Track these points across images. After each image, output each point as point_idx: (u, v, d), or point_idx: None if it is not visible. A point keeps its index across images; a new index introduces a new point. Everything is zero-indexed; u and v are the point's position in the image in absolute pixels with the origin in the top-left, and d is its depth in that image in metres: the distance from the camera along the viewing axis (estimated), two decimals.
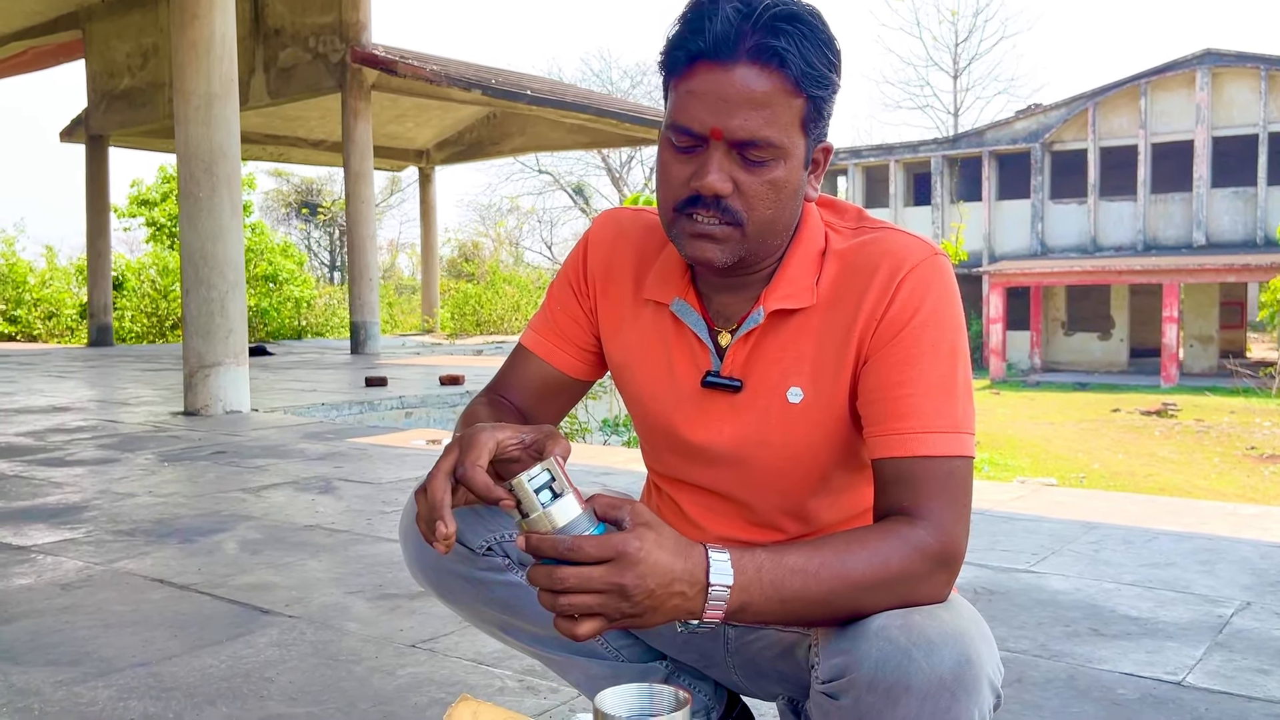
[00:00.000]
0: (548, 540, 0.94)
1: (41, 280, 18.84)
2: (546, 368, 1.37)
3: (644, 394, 1.31)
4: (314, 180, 37.76)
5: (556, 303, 1.37)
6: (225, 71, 6.28)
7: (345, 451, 5.08)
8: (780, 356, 1.21)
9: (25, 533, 3.36)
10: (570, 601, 0.94)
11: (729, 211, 1.12)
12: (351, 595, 2.64)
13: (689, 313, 1.25)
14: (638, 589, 0.94)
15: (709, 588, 0.98)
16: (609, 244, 1.35)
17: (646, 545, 0.94)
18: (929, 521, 1.08)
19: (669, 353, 1.27)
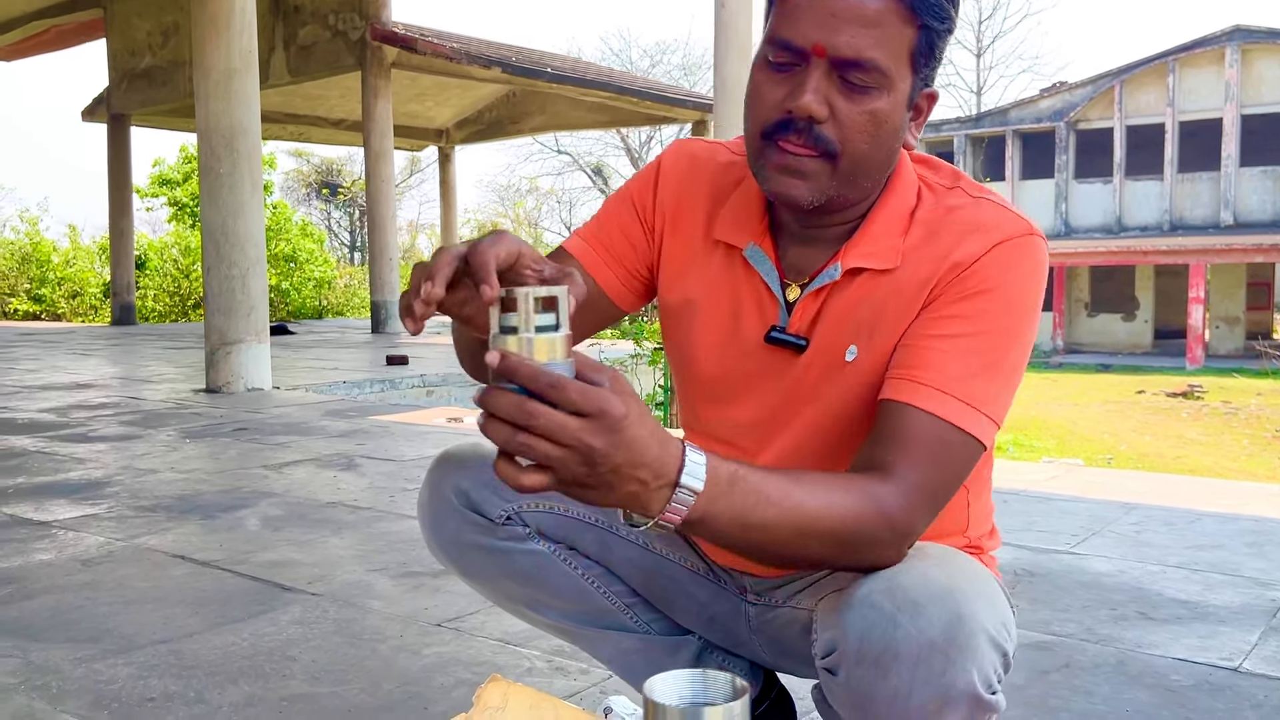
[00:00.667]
0: (529, 367, 0.79)
1: (65, 259, 18.92)
2: (585, 279, 1.25)
3: (701, 342, 1.22)
4: (334, 160, 37.78)
5: (614, 220, 1.26)
6: (245, 46, 6.22)
7: (367, 429, 5.04)
8: (846, 316, 1.13)
9: (47, 508, 3.33)
10: (528, 443, 0.80)
11: (821, 140, 1.04)
12: (375, 573, 2.59)
13: (762, 260, 1.16)
14: (605, 459, 0.81)
15: (676, 486, 0.87)
16: (683, 177, 1.25)
17: (631, 416, 0.82)
18: (899, 484, 0.99)
19: (736, 301, 1.19)
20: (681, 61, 37.96)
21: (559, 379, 0.79)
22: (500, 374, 0.80)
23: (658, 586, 1.36)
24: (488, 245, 0.90)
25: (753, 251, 1.17)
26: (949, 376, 1.03)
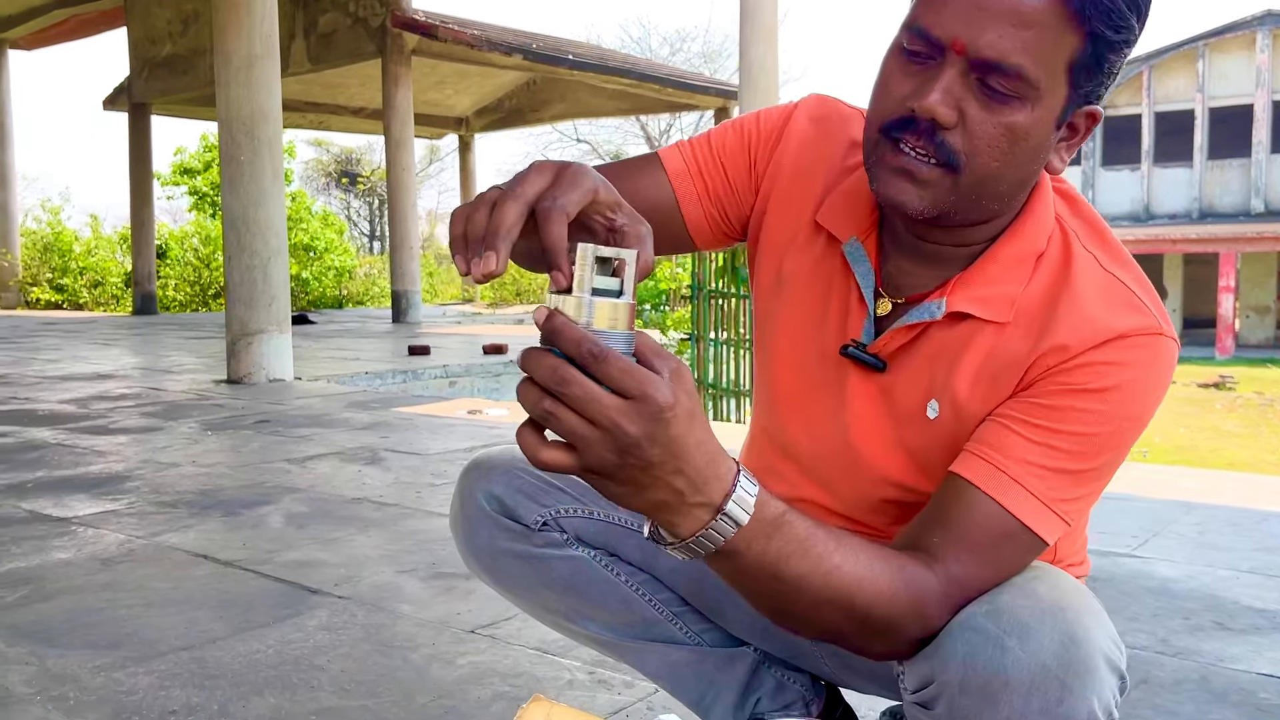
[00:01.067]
0: (575, 332, 0.69)
1: (87, 249, 18.94)
2: (667, 193, 1.11)
3: (783, 332, 1.10)
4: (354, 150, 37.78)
5: (721, 149, 1.12)
6: (266, 31, 6.12)
7: (391, 421, 4.95)
8: (937, 364, 1.00)
9: (66, 504, 3.25)
10: (555, 411, 0.70)
11: (943, 149, 0.90)
12: (404, 574, 2.49)
13: (861, 260, 1.03)
14: (640, 452, 0.71)
15: (719, 512, 0.77)
16: (809, 141, 1.10)
17: (679, 412, 0.72)
18: (943, 576, 0.89)
19: (827, 298, 1.06)
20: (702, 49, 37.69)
21: (604, 350, 0.69)
22: (545, 334, 0.70)
23: (709, 594, 1.25)
24: (561, 198, 0.76)
25: (853, 248, 1.04)
26: (1030, 469, 0.91)
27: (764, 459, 1.17)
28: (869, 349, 1.02)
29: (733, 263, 6.22)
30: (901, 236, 1.02)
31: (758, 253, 1.13)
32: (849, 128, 1.10)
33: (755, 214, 1.13)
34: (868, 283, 1.03)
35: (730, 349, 6.26)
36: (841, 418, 1.05)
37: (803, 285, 1.08)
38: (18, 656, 1.98)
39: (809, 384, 1.08)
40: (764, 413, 1.15)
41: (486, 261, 0.73)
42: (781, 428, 1.12)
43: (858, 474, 1.07)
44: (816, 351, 1.07)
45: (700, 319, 6.34)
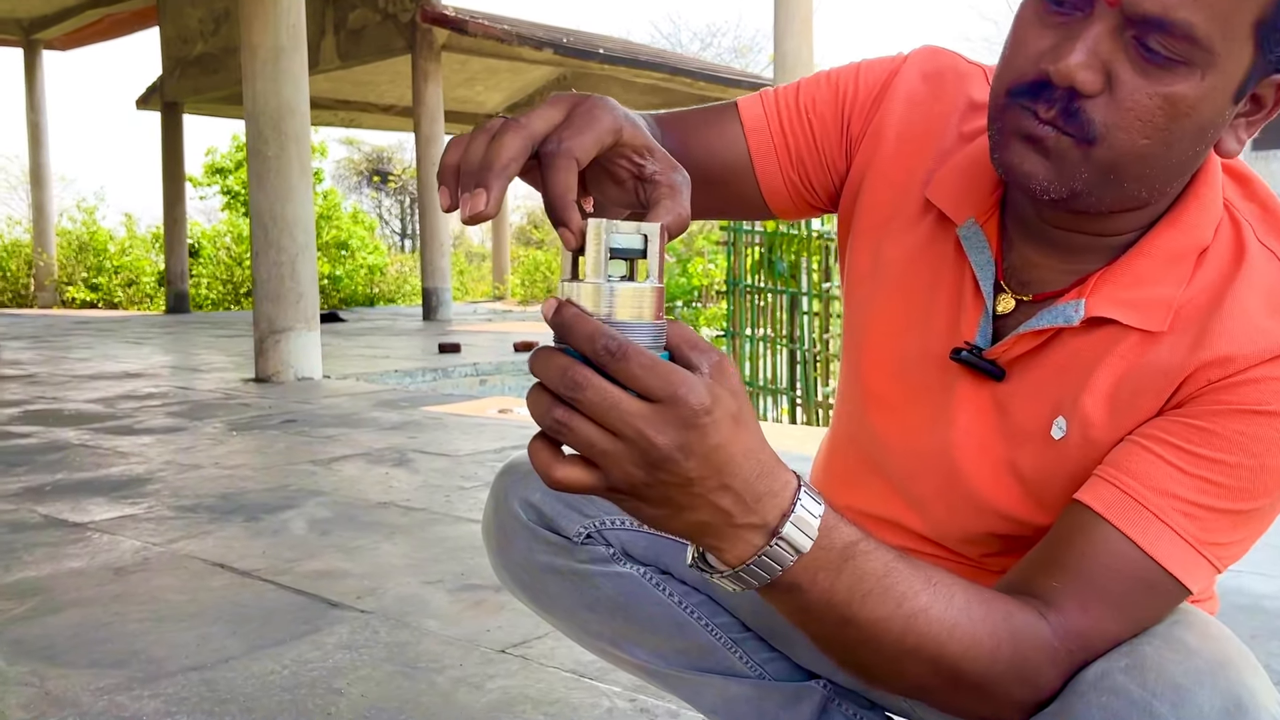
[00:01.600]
0: (588, 324, 0.57)
1: (121, 248, 19.03)
2: (741, 151, 0.95)
3: (878, 327, 0.93)
4: (384, 148, 37.86)
5: (810, 105, 0.95)
6: (293, 23, 6.01)
7: (420, 420, 4.82)
8: (1068, 376, 0.83)
9: (84, 508, 3.13)
10: (567, 422, 0.58)
11: (1077, 120, 0.73)
12: (430, 586, 2.34)
13: (980, 246, 0.86)
14: (674, 466, 0.58)
15: (774, 536, 0.63)
16: (918, 100, 0.93)
17: (719, 415, 0.58)
18: (1061, 630, 0.73)
19: (934, 290, 0.89)
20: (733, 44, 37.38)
21: (623, 344, 0.57)
22: (555, 330, 0.59)
23: (775, 619, 1.09)
24: (570, 140, 0.62)
25: (970, 232, 0.87)
26: (1177, 504, 0.75)
27: (847, 469, 1.01)
28: (986, 354, 0.85)
29: (769, 256, 6.04)
30: (1030, 221, 0.85)
31: (851, 231, 0.96)
32: (967, 86, 0.93)
33: (848, 185, 0.96)
34: (986, 275, 0.86)
35: (767, 346, 6.08)
36: (944, 431, 0.89)
37: (905, 272, 0.91)
38: (18, 677, 1.85)
39: (908, 388, 0.91)
40: (851, 417, 0.99)
41: (475, 199, 0.60)
42: (871, 436, 0.95)
43: (957, 497, 0.90)
44: (919, 351, 0.90)
45: (736, 315, 6.16)
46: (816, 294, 5.92)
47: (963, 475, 0.89)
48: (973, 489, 0.88)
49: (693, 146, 0.94)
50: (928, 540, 0.94)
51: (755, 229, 6.05)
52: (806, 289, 5.93)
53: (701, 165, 0.94)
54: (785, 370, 6.05)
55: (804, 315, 5.97)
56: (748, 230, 6.07)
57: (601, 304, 0.58)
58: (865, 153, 0.94)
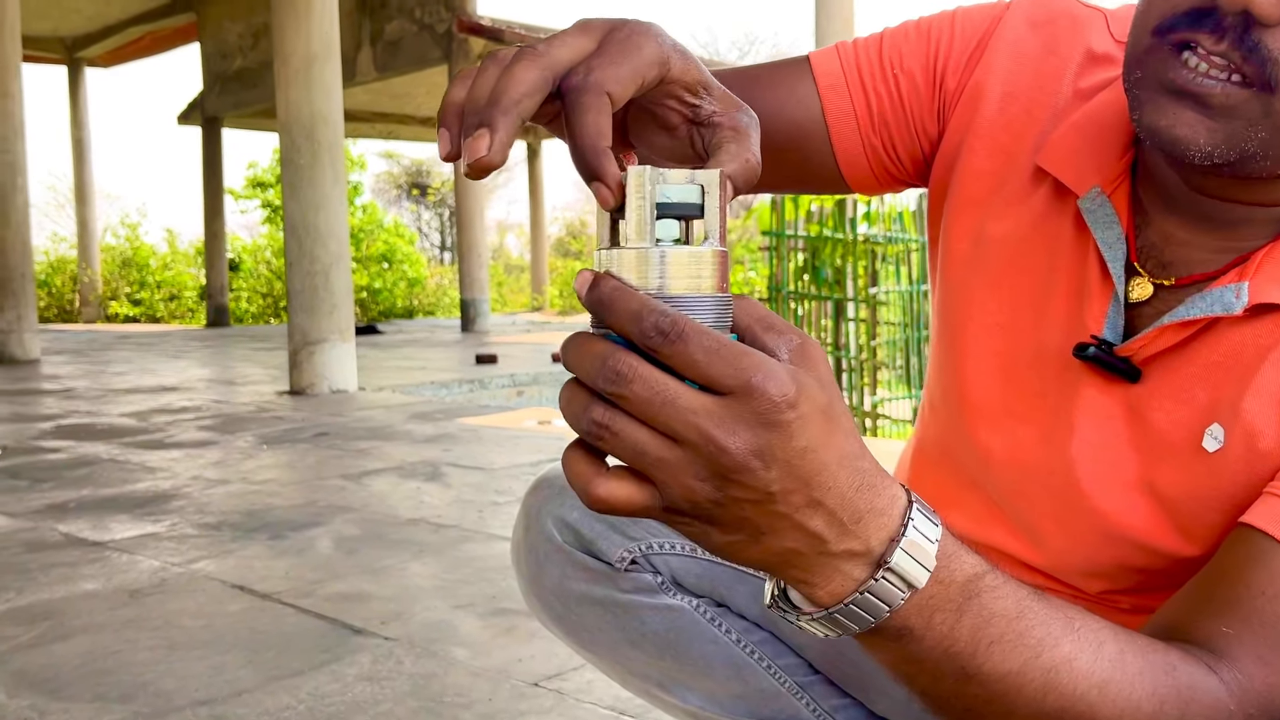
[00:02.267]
0: (632, 298, 0.44)
1: (163, 263, 19.21)
2: (814, 112, 0.80)
3: (980, 318, 0.78)
4: (423, 161, 38.09)
5: (896, 58, 0.81)
6: (325, 31, 5.93)
7: (454, 433, 4.68)
8: (1221, 374, 0.68)
9: (106, 525, 3.02)
10: (610, 424, 0.44)
11: (1258, 54, 0.59)
12: (459, 610, 2.19)
13: (1107, 223, 0.71)
14: (749, 477, 0.44)
15: (879, 565, 0.48)
16: (1033, 58, 0.78)
17: (805, 408, 0.44)
18: (1238, 687, 0.58)
19: (1050, 273, 0.74)
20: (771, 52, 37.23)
21: (677, 322, 0.43)
22: (592, 310, 0.45)
23: (847, 660, 0.92)
24: (600, 71, 0.48)
25: (1095, 204, 0.71)
26: None
27: (939, 486, 0.84)
28: (1118, 350, 0.70)
29: (813, 262, 5.86)
30: (1173, 189, 0.70)
31: (945, 207, 0.81)
32: (1084, 34, 0.77)
33: (942, 153, 0.81)
34: (1116, 255, 0.70)
35: None
36: (1064, 442, 0.73)
37: (1015, 255, 0.76)
38: (16, 711, 1.72)
39: (1019, 392, 0.76)
40: (945, 425, 0.82)
41: (476, 142, 0.46)
42: (971, 448, 0.79)
43: (1078, 522, 0.74)
44: (1032, 347, 0.75)
45: None
46: (863, 300, 5.73)
47: (1087, 496, 0.73)
48: (1099, 512, 0.73)
49: (756, 106, 0.80)
50: (1038, 572, 0.79)
51: (798, 234, 5.87)
52: (852, 295, 5.74)
53: (766, 130, 0.80)
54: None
55: (849, 322, 5.78)
56: (790, 235, 5.89)
57: (650, 274, 0.44)
58: (962, 115, 0.79)
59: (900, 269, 5.88)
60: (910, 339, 5.85)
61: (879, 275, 5.81)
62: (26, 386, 7.12)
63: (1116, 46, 0.77)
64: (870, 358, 5.75)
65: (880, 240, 5.79)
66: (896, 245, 5.86)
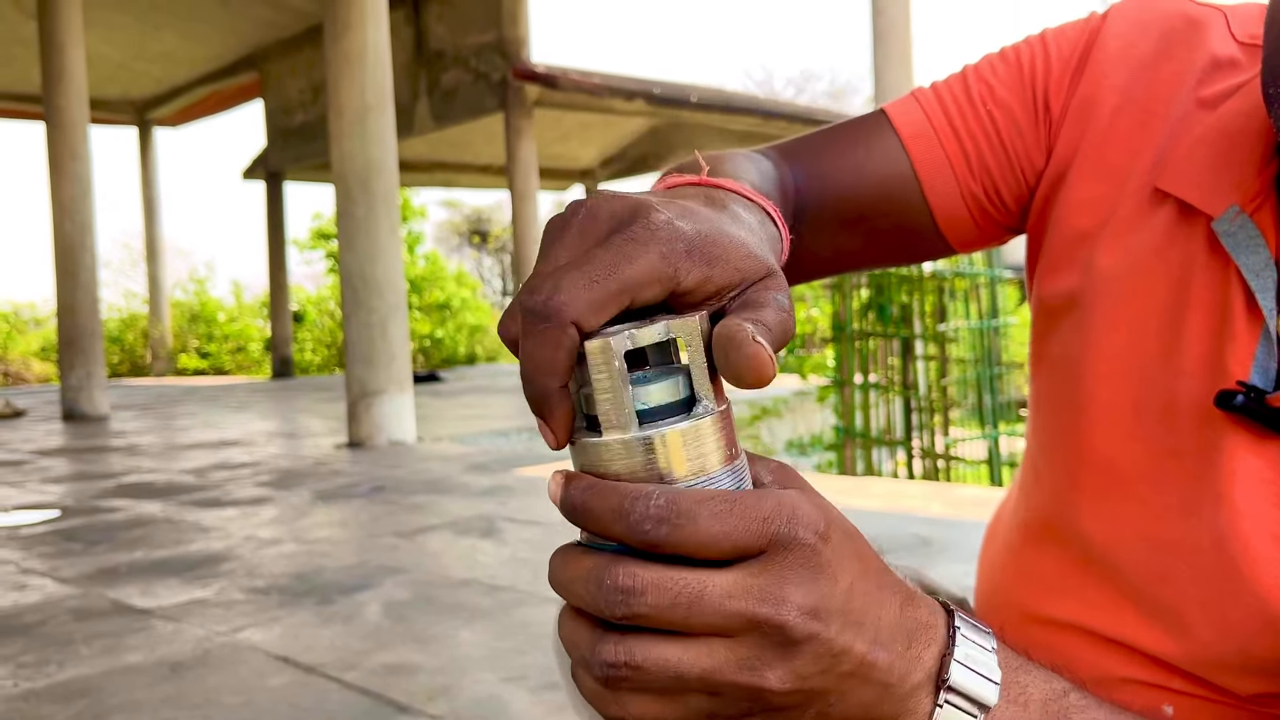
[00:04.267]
0: (611, 493, 0.36)
1: (230, 316, 19.57)
2: (900, 165, 0.69)
3: (1090, 371, 0.64)
4: (482, 209, 38.58)
5: (986, 94, 0.69)
6: (379, 82, 5.94)
7: (511, 485, 4.57)
8: None
9: (154, 591, 2.94)
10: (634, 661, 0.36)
11: None
12: (510, 683, 2.05)
13: (1251, 247, 0.58)
14: (817, 641, 0.37)
15: (940, 689, 0.40)
16: (1143, 66, 0.66)
17: (836, 537, 0.38)
18: None
19: (1180, 309, 0.61)
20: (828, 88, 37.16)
21: (672, 499, 0.35)
22: (569, 517, 0.38)
23: None
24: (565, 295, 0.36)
25: (1233, 226, 0.58)
26: None
27: (1045, 569, 0.70)
28: (1272, 399, 0.56)
29: (877, 298, 5.68)
30: None
31: (1049, 240, 0.68)
32: (1204, 36, 0.65)
33: (1046, 179, 0.68)
34: (1266, 283, 0.57)
35: (879, 394, 5.69)
36: (1212, 512, 0.59)
37: (1133, 289, 0.63)
38: None
39: (1148, 452, 0.62)
40: (1053, 493, 0.69)
41: (546, 439, 0.39)
42: (1093, 519, 0.65)
43: (1232, 607, 0.59)
44: (1161, 397, 0.62)
45: (845, 362, 5.80)
46: (931, 337, 5.53)
47: (1243, 576, 0.59)
48: (1259, 595, 0.58)
49: (833, 174, 0.70)
50: (1178, 672, 0.63)
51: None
52: (920, 332, 5.54)
53: (849, 196, 0.70)
54: (900, 420, 5.65)
55: (918, 360, 5.57)
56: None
57: (637, 466, 0.36)
58: (1070, 135, 0.67)
59: (969, 304, 5.67)
60: (982, 376, 5.62)
61: (947, 311, 5.61)
62: (93, 443, 7.19)
63: (1240, 49, 0.64)
64: (941, 396, 5.54)
65: (948, 275, 5.59)
66: (964, 280, 5.65)
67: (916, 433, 5.59)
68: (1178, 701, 0.63)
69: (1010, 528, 0.77)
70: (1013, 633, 0.73)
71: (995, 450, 5.48)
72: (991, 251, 5.71)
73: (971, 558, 2.69)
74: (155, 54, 14.40)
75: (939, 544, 3.16)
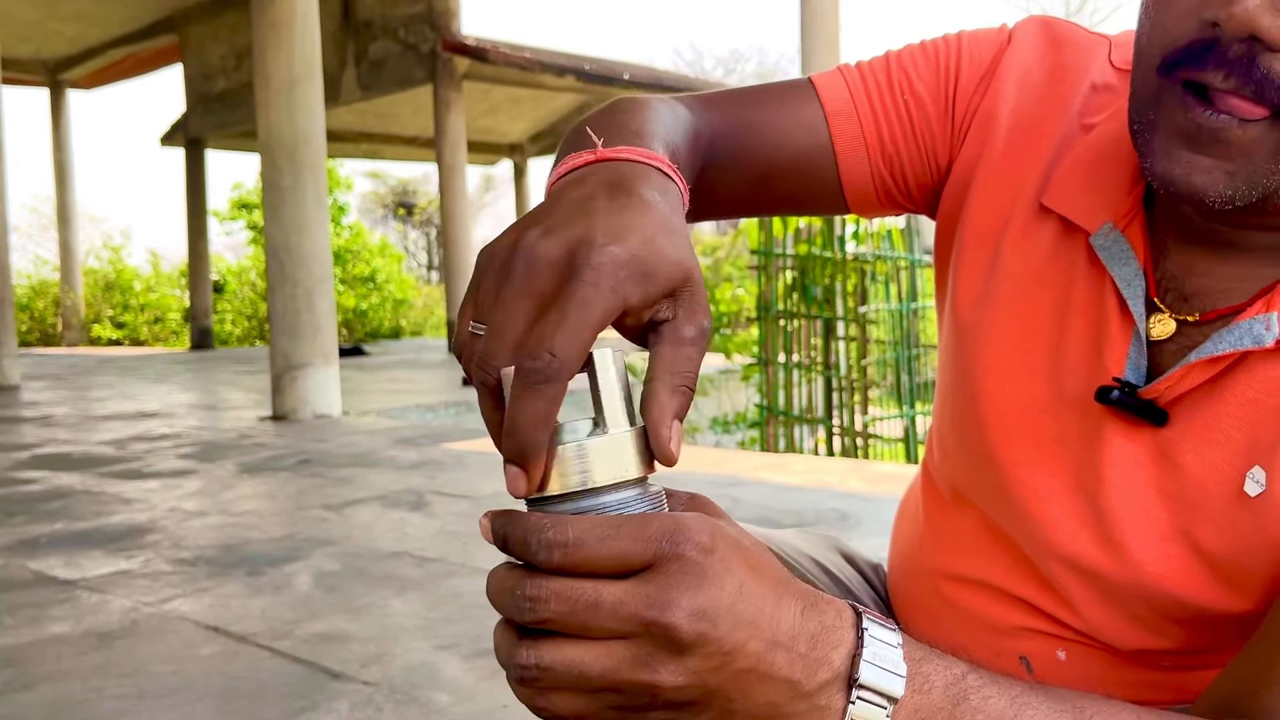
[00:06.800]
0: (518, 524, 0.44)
1: (147, 286, 19.03)
2: (821, 139, 0.75)
3: (988, 370, 0.72)
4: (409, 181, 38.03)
5: (905, 84, 0.75)
6: (307, 52, 5.86)
7: (439, 459, 4.60)
8: (1259, 412, 0.62)
9: (77, 562, 2.92)
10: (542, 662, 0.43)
11: (1270, 85, 0.54)
12: (442, 651, 2.10)
13: (1123, 259, 0.66)
14: (706, 642, 0.42)
15: (852, 684, 0.45)
16: (1039, 86, 0.73)
17: (722, 548, 0.43)
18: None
19: (1063, 316, 0.69)
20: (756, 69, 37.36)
21: (562, 525, 0.43)
22: (500, 547, 0.45)
23: None
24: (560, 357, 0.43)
25: (1109, 241, 0.66)
26: None
27: (960, 532, 0.78)
28: (1143, 393, 0.64)
29: (801, 280, 5.80)
30: (1189, 220, 0.65)
31: (957, 242, 0.76)
32: (1089, 64, 0.73)
33: (952, 184, 0.76)
34: (1136, 291, 0.65)
35: (802, 373, 5.83)
36: (1092, 495, 0.67)
37: (1025, 293, 0.71)
38: None
39: (1036, 442, 0.70)
40: (962, 469, 0.77)
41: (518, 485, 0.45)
42: (992, 497, 0.73)
43: (1111, 575, 0.68)
44: (1050, 392, 0.69)
45: (768, 341, 5.92)
46: (853, 319, 5.67)
47: (1122, 547, 0.67)
48: (1134, 565, 0.67)
49: (756, 130, 0.75)
50: (1071, 629, 0.72)
51: (787, 251, 5.82)
52: (842, 314, 5.68)
53: (767, 153, 0.75)
54: (821, 399, 5.79)
55: (839, 341, 5.72)
56: (779, 254, 5.84)
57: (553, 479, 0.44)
58: (973, 145, 0.75)
59: (890, 287, 5.83)
60: (900, 357, 5.79)
61: (868, 294, 5.76)
62: (3, 414, 7.00)
63: (1117, 76, 0.72)
64: (861, 376, 5.69)
65: (869, 258, 5.73)
66: (885, 263, 5.80)
67: (837, 411, 5.74)
68: (1069, 648, 0.72)
69: (924, 495, 0.85)
70: (927, 592, 0.81)
71: (912, 429, 5.66)
72: (912, 236, 5.86)
73: (886, 531, 2.80)
74: (69, 13, 13.89)
75: (856, 518, 3.28)
